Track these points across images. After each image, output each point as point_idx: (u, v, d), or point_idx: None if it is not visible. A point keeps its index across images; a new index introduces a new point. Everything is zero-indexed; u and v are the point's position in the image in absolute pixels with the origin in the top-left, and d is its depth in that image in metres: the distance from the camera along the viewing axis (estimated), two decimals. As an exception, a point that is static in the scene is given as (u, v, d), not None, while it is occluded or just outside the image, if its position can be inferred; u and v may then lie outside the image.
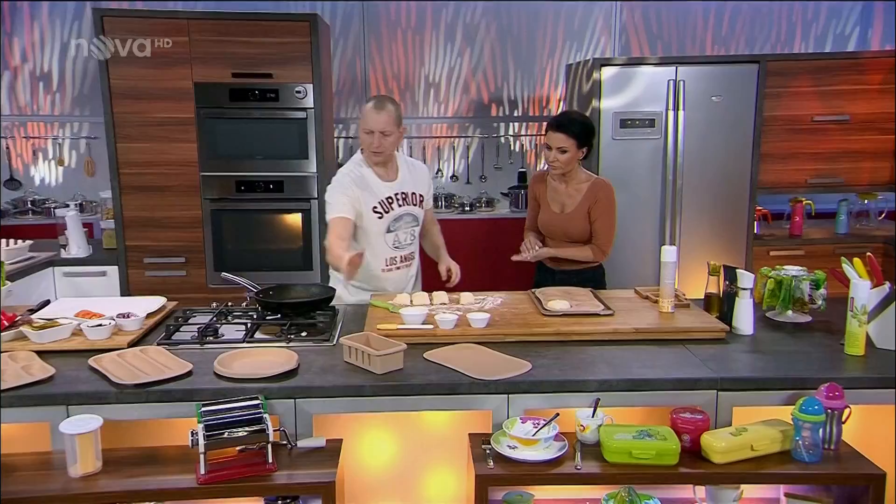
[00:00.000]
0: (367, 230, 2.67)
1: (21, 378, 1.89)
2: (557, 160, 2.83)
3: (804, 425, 1.85)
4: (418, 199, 2.80)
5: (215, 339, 2.23)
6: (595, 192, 2.90)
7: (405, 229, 2.76)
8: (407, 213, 2.75)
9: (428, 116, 5.33)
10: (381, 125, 2.59)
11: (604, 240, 2.92)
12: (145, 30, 3.55)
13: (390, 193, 2.70)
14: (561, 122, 2.84)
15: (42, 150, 5.04)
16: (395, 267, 2.75)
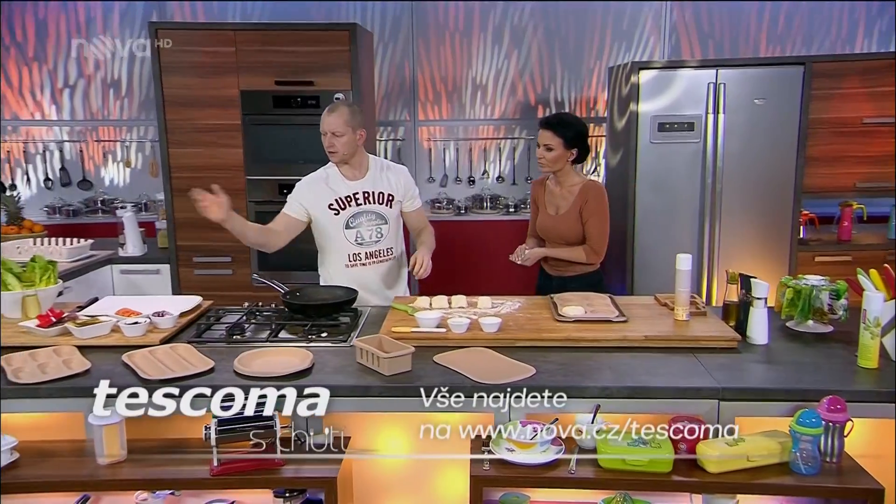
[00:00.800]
0: (325, 226, 2.84)
1: (61, 371, 2.07)
2: (544, 157, 2.94)
3: (802, 437, 1.85)
4: (385, 199, 2.90)
5: (241, 339, 2.37)
6: (585, 193, 2.95)
7: (367, 226, 2.86)
8: (369, 212, 2.85)
9: (475, 118, 5.41)
10: (332, 126, 2.77)
11: (596, 241, 2.96)
12: (196, 41, 3.75)
13: (350, 192, 2.83)
14: (550, 121, 2.94)
15: (111, 153, 5.36)
16: (359, 263, 2.86)
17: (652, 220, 3.99)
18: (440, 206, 5.21)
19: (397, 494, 2.21)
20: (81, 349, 2.24)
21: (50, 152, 5.23)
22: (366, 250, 2.87)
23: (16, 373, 2.06)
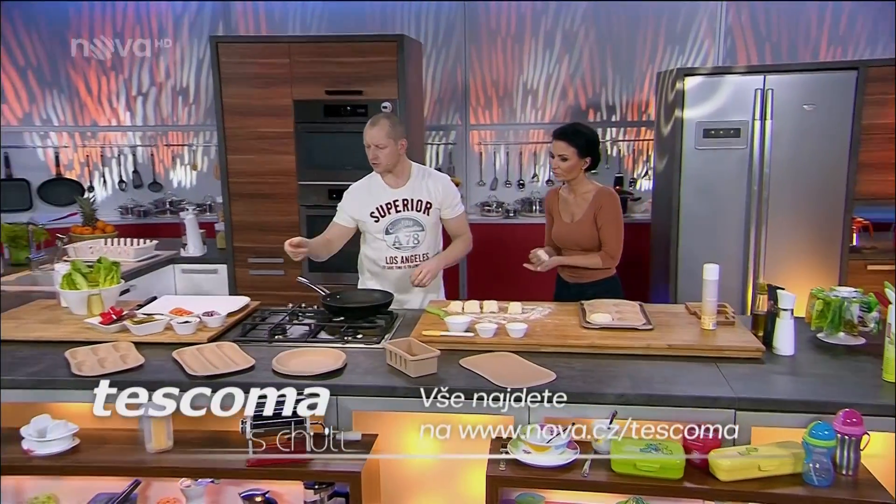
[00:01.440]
0: (368, 230, 3.00)
1: (118, 365, 2.26)
2: (559, 167, 3.00)
3: (814, 450, 1.88)
4: (424, 207, 3.02)
5: (282, 339, 2.53)
6: (599, 200, 3.00)
7: (405, 232, 2.99)
8: (406, 218, 2.99)
9: (525, 122, 5.48)
10: (374, 139, 2.90)
11: (611, 246, 3.01)
12: (253, 53, 3.96)
13: (391, 199, 2.97)
14: (564, 132, 3.01)
15: (179, 157, 5.66)
16: (395, 266, 3.01)
17: (697, 227, 3.99)
18: (489, 210, 5.30)
19: (423, 491, 2.32)
20: (137, 345, 2.44)
21: (124, 156, 5.57)
22: (403, 254, 3.00)
23: (79, 366, 2.27)
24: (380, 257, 3.00)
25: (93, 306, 2.69)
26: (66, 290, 2.75)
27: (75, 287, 2.74)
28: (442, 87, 5.44)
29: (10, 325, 2.67)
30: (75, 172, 5.51)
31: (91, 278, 2.77)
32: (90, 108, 5.49)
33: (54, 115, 5.43)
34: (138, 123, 5.57)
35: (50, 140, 5.44)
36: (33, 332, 2.58)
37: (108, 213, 5.37)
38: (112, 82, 5.50)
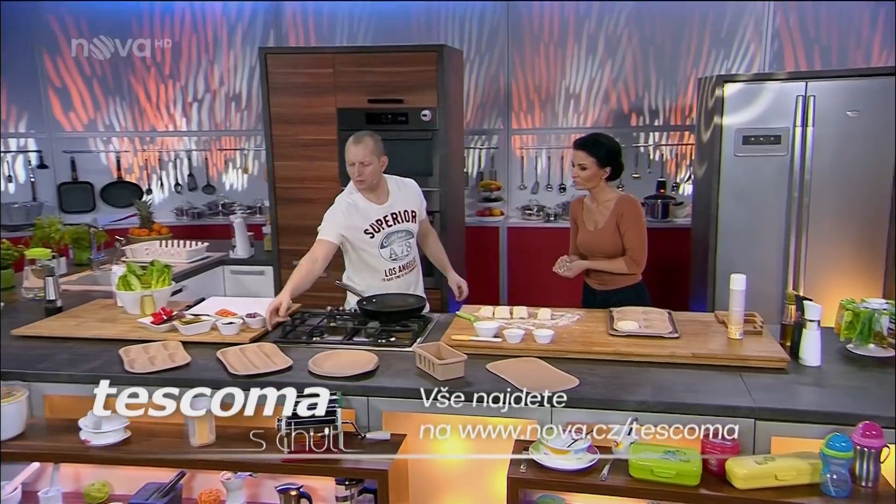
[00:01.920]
0: (363, 248, 3.01)
1: (166, 363, 2.42)
2: (578, 175, 3.08)
3: (831, 460, 1.90)
4: (410, 216, 3.11)
5: (319, 340, 2.65)
6: (620, 207, 3.07)
7: (399, 243, 3.07)
8: (399, 230, 3.06)
9: (567, 127, 5.52)
10: (360, 157, 2.92)
11: (635, 251, 3.07)
12: (299, 63, 4.11)
13: (380, 216, 3.02)
14: (584, 142, 3.08)
15: (231, 160, 5.90)
16: (395, 276, 3.08)
17: (735, 234, 3.98)
18: (530, 213, 5.36)
19: (450, 490, 2.41)
20: (185, 344, 2.59)
21: (180, 160, 5.83)
22: (399, 264, 3.10)
23: (131, 363, 2.43)
24: (379, 272, 3.06)
25: (145, 307, 2.86)
26: (122, 291, 2.93)
27: (130, 288, 2.92)
28: (484, 92, 5.53)
29: (72, 323, 2.86)
30: (135, 175, 5.79)
31: (144, 280, 2.94)
32: (149, 114, 5.75)
33: (116, 121, 5.71)
34: (193, 129, 5.81)
35: (112, 145, 5.73)
36: (92, 330, 2.76)
37: (164, 214, 5.63)
38: (170, 89, 5.75)
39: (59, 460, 2.30)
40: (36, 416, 2.41)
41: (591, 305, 3.06)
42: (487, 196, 5.47)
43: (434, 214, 4.13)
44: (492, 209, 5.43)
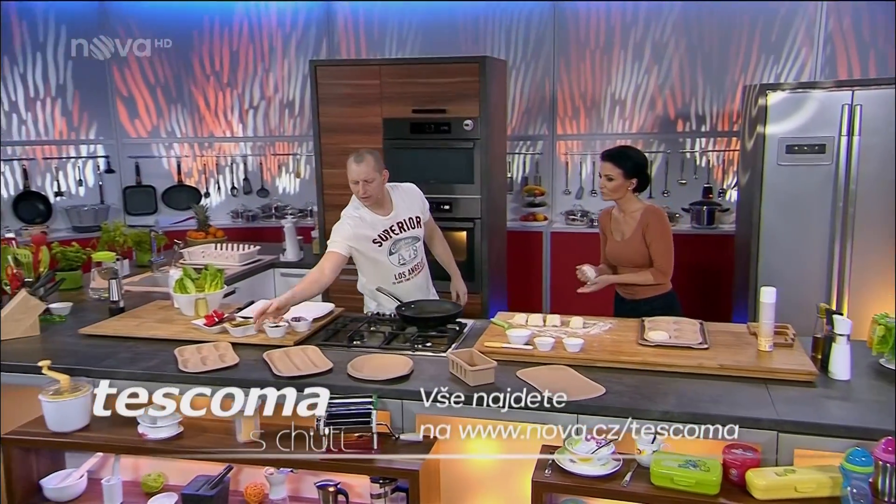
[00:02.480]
0: (372, 256, 3.13)
1: (217, 364, 2.58)
2: (605, 186, 3.16)
3: (851, 475, 1.94)
4: (415, 222, 3.22)
5: (359, 344, 2.78)
6: (646, 218, 3.12)
7: (406, 248, 3.19)
8: (406, 237, 3.18)
9: (612, 133, 5.55)
10: (363, 174, 3.03)
11: (662, 262, 3.12)
12: (347, 75, 4.27)
13: (387, 226, 3.13)
14: (611, 154, 3.16)
15: (285, 165, 6.11)
16: (405, 279, 3.20)
17: (778, 243, 3.96)
18: (574, 219, 5.41)
19: (481, 491, 2.51)
20: (234, 346, 2.76)
21: (236, 164, 6.07)
22: (407, 268, 3.22)
23: (185, 363, 2.60)
24: (388, 276, 3.19)
25: (199, 309, 3.05)
26: (178, 294, 3.12)
27: (185, 291, 3.11)
28: (530, 98, 5.60)
29: (133, 323, 3.06)
30: (194, 179, 6.05)
31: (198, 284, 3.13)
32: (208, 120, 6.01)
33: (177, 127, 5.99)
34: (249, 134, 6.05)
35: (173, 150, 6.00)
36: (150, 331, 2.95)
37: (220, 216, 5.88)
38: (227, 97, 6.00)
39: (119, 451, 2.48)
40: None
41: (622, 314, 3.12)
42: (531, 201, 5.54)
43: (475, 221, 4.24)
44: (535, 214, 5.50)
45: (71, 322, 3.16)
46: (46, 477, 2.53)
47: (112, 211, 5.77)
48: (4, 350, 2.79)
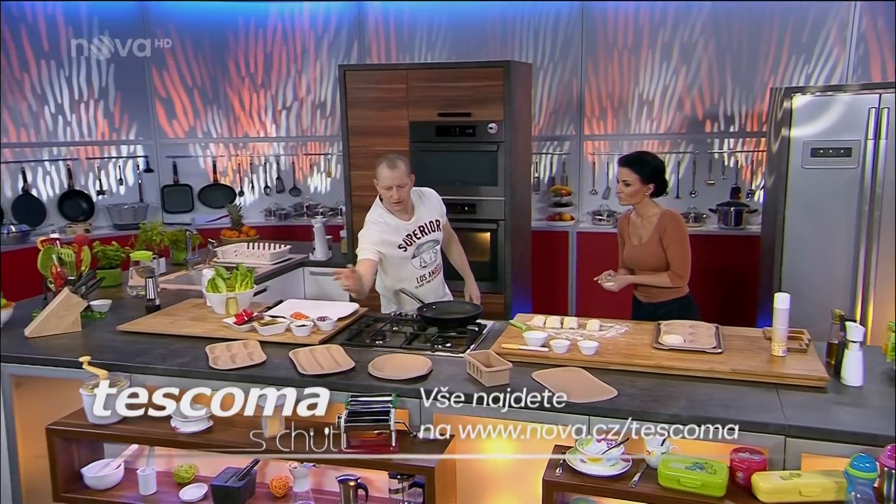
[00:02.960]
0: (397, 260, 3.21)
1: (245, 361, 2.70)
2: (622, 192, 3.22)
3: (855, 480, 1.97)
4: (435, 226, 3.31)
5: (381, 344, 2.88)
6: (663, 222, 3.17)
7: (427, 251, 3.29)
8: (427, 241, 3.27)
9: (640, 133, 5.57)
10: (397, 180, 3.12)
11: (678, 265, 3.17)
12: (375, 79, 4.37)
13: (410, 231, 3.22)
14: (629, 159, 3.22)
15: (316, 165, 6.25)
16: (426, 282, 3.30)
17: (803, 246, 3.96)
18: (600, 219, 5.45)
19: (496, 488, 2.60)
20: (262, 344, 2.88)
21: (269, 164, 6.23)
22: (428, 270, 3.33)
23: (215, 360, 2.73)
24: (411, 279, 3.28)
25: (229, 307, 3.17)
26: (210, 293, 3.26)
27: (217, 290, 3.24)
28: (557, 99, 5.64)
29: (167, 321, 3.20)
30: (229, 178, 6.23)
31: (230, 284, 3.26)
32: (242, 121, 6.18)
33: (213, 128, 6.16)
34: (282, 135, 6.20)
35: (209, 150, 6.18)
36: (183, 328, 3.09)
37: (254, 214, 6.05)
38: (261, 98, 6.15)
39: (153, 443, 2.62)
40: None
41: (639, 317, 3.18)
42: (558, 201, 5.59)
43: (498, 223, 4.31)
44: (562, 214, 5.55)
45: (110, 318, 3.31)
46: (87, 466, 2.68)
47: (151, 209, 5.97)
48: (49, 345, 2.96)
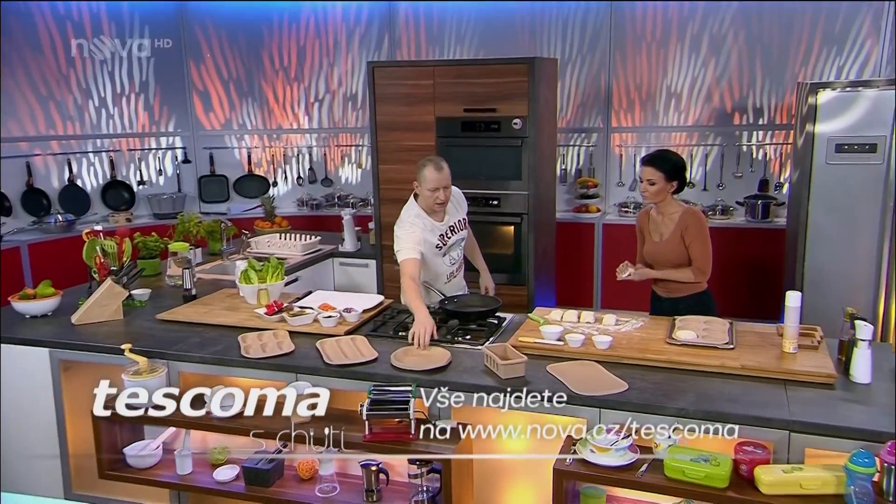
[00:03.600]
0: (430, 259, 3.28)
1: (275, 350, 2.85)
2: (647, 190, 3.27)
3: (854, 475, 2.04)
4: (462, 224, 3.43)
5: (404, 335, 3.00)
6: (685, 219, 3.23)
7: (455, 249, 3.41)
8: (456, 239, 3.39)
9: (668, 126, 5.59)
10: (444, 181, 3.20)
11: (701, 261, 3.23)
12: (403, 75, 4.48)
13: (443, 231, 3.31)
14: (652, 158, 3.27)
15: (347, 156, 6.40)
16: (453, 278, 3.41)
17: (826, 241, 3.98)
18: (626, 210, 5.49)
19: (510, 475, 2.71)
20: (291, 333, 3.02)
21: (302, 155, 6.40)
22: (455, 266, 3.44)
23: (247, 349, 2.88)
24: (441, 275, 3.38)
25: (261, 298, 3.33)
26: (242, 284, 3.41)
27: (249, 282, 3.39)
28: (585, 91, 5.68)
29: (203, 310, 3.37)
30: (263, 169, 6.41)
31: (261, 276, 3.41)
32: (276, 113, 6.34)
33: (248, 120, 6.34)
34: (314, 126, 6.35)
35: (244, 142, 6.37)
36: (217, 318, 3.25)
37: (287, 204, 6.22)
38: (295, 90, 6.30)
39: (189, 426, 2.78)
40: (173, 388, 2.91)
41: (659, 312, 3.25)
42: (584, 193, 5.64)
43: (522, 216, 4.40)
44: (588, 206, 5.60)
45: (150, 307, 3.49)
46: (128, 446, 2.86)
47: (188, 199, 6.18)
48: (94, 332, 3.15)
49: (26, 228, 5.46)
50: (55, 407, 3.11)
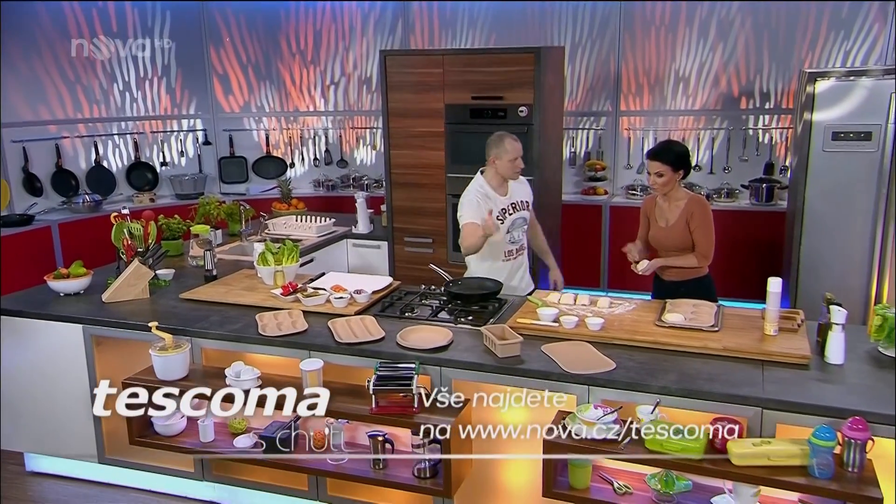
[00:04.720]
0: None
1: (290, 329, 3.06)
2: (656, 183, 3.39)
3: (816, 448, 2.23)
4: (526, 205, 3.59)
5: (410, 315, 3.21)
6: (690, 207, 3.36)
7: (518, 229, 3.56)
8: (519, 217, 3.54)
9: (675, 109, 5.70)
10: (519, 151, 3.43)
11: (704, 247, 3.37)
12: (414, 64, 4.64)
13: (505, 205, 3.48)
14: (657, 152, 3.38)
15: (362, 138, 6.58)
16: (511, 258, 3.58)
17: (821, 227, 4.10)
18: (634, 193, 5.63)
19: (504, 444, 2.88)
20: (305, 313, 3.23)
21: (318, 137, 6.58)
22: (515, 247, 3.59)
23: (264, 328, 3.10)
24: (499, 253, 3.54)
25: (277, 280, 3.54)
26: (260, 266, 3.63)
27: (266, 263, 3.61)
28: (594, 75, 5.80)
29: (223, 290, 3.59)
30: (280, 151, 6.61)
31: (277, 257, 3.62)
32: (293, 96, 6.52)
33: (266, 103, 6.53)
34: (330, 109, 6.53)
35: (262, 124, 6.56)
36: (236, 297, 3.46)
37: (304, 185, 6.43)
38: (311, 74, 6.48)
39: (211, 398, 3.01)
40: (196, 363, 3.14)
41: (660, 294, 3.40)
42: (593, 175, 5.78)
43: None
44: (596, 188, 5.74)
45: (174, 286, 3.71)
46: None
47: (209, 179, 6.40)
48: (123, 310, 3.38)
49: (56, 208, 5.72)
50: (89, 378, 3.36)
